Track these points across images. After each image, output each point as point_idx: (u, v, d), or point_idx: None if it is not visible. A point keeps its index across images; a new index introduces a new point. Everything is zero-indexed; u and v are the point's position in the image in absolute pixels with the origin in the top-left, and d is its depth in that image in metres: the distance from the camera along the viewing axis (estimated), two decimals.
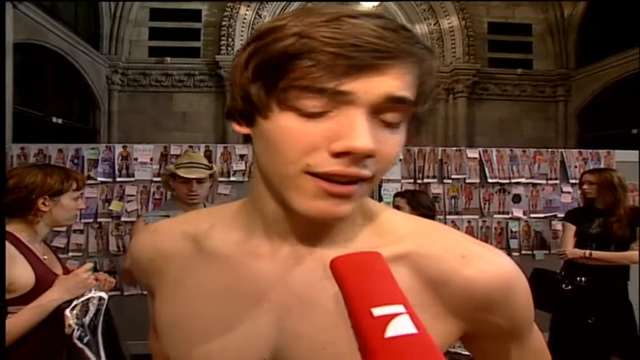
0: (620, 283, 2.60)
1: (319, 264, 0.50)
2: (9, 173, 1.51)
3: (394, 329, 0.34)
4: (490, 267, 0.49)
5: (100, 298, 1.45)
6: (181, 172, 2.21)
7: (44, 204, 1.47)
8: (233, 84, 0.48)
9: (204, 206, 2.31)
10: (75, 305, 1.41)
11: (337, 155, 0.42)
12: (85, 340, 1.37)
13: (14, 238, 1.41)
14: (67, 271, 1.58)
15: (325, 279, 0.49)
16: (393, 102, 0.43)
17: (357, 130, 0.41)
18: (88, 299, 1.43)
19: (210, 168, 2.32)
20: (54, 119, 6.25)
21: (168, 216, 2.13)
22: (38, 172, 1.48)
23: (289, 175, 0.44)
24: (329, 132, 0.42)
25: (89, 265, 1.51)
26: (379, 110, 0.43)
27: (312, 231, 0.51)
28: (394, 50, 0.41)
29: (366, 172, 0.43)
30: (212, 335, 0.51)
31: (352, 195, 0.44)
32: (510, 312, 0.50)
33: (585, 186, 2.74)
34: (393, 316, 0.35)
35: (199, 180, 2.22)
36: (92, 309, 1.42)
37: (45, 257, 1.49)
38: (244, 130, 0.50)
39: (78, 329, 1.36)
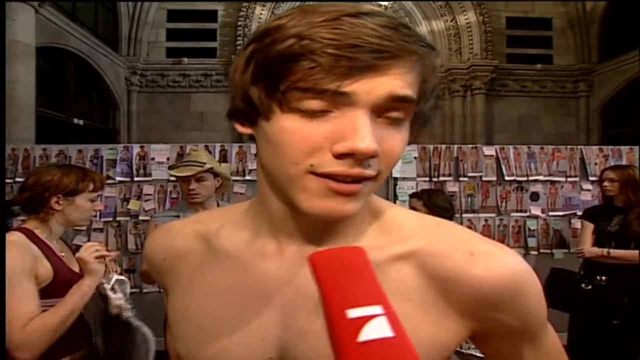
0: None
1: None
2: (31, 172, 1.56)
3: (368, 333, 0.32)
4: (498, 264, 0.48)
5: (122, 281, 1.52)
6: (173, 172, 2.21)
7: (57, 202, 1.50)
8: (233, 85, 0.48)
9: (217, 205, 2.32)
10: (113, 286, 1.48)
11: (340, 156, 0.42)
12: (132, 315, 1.48)
13: (31, 233, 1.46)
14: None
15: None
16: (395, 102, 0.43)
17: (360, 131, 0.41)
18: (116, 280, 1.51)
19: (202, 165, 2.20)
20: (75, 120, 6.42)
21: (178, 216, 2.15)
22: (56, 172, 1.51)
23: (294, 176, 0.44)
24: (332, 133, 0.42)
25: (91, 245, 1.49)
26: (381, 110, 0.43)
27: (318, 230, 0.51)
28: (395, 49, 0.41)
29: (370, 172, 0.43)
30: (220, 334, 0.52)
31: (358, 194, 0.44)
32: (520, 311, 0.49)
33: (606, 183, 2.67)
34: (369, 318, 0.33)
35: (199, 179, 2.17)
36: (119, 291, 1.50)
37: (63, 254, 1.53)
38: (247, 130, 0.50)
39: (127, 306, 1.47)
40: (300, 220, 0.51)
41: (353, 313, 0.33)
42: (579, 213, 3.42)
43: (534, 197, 3.51)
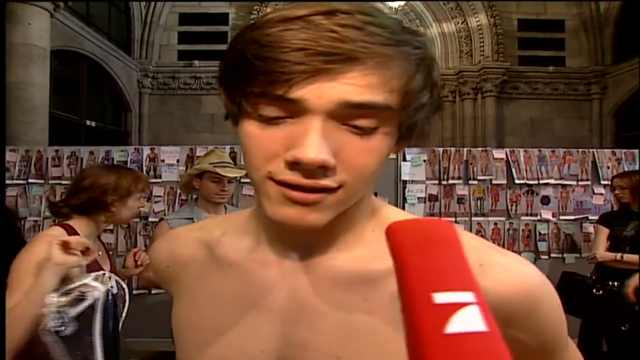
0: None
1: (326, 272, 0.49)
2: (83, 173, 1.60)
3: (457, 324, 0.26)
4: (511, 277, 0.44)
5: (105, 290, 1.28)
6: (221, 171, 2.19)
7: (113, 204, 1.55)
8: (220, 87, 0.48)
9: (225, 209, 2.33)
10: (68, 291, 1.23)
11: (291, 165, 0.40)
12: (62, 333, 1.17)
13: (73, 231, 1.47)
14: (114, 269, 1.65)
15: (333, 288, 0.48)
16: (353, 108, 0.39)
17: (307, 139, 0.38)
18: (86, 287, 1.26)
19: (242, 169, 2.35)
20: (88, 122, 6.51)
21: (191, 219, 2.16)
22: (112, 174, 1.57)
23: (257, 181, 0.43)
24: (286, 140, 0.40)
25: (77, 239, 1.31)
26: (343, 117, 0.40)
27: (315, 239, 0.49)
28: (348, 51, 0.37)
29: (326, 182, 0.40)
30: (220, 344, 0.51)
31: (319, 204, 0.41)
32: (536, 328, 0.46)
33: (617, 191, 2.65)
34: (459, 306, 0.27)
35: (230, 180, 2.24)
36: (89, 300, 1.24)
37: (100, 252, 1.53)
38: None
39: (55, 318, 1.17)
40: (300, 231, 0.49)
41: (441, 298, 0.28)
42: (591, 217, 3.37)
43: (545, 200, 3.46)
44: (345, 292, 0.47)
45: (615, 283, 2.49)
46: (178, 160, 3.50)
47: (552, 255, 3.44)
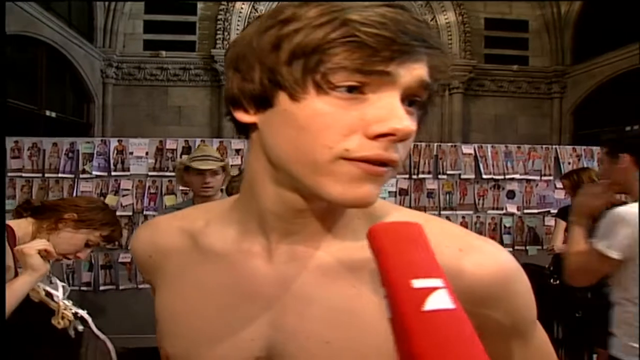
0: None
1: (317, 261, 0.50)
2: (93, 200, 1.52)
3: (432, 303, 0.33)
4: (488, 260, 0.48)
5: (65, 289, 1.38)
6: (195, 164, 2.29)
7: (66, 221, 1.43)
8: (247, 66, 0.46)
9: None
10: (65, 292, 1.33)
11: (376, 137, 0.42)
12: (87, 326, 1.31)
13: (10, 230, 1.39)
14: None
15: (321, 276, 0.49)
16: (421, 88, 0.44)
17: (398, 111, 0.42)
18: (63, 288, 1.35)
19: (222, 160, 2.42)
20: (48, 113, 6.21)
21: None
22: (94, 204, 1.50)
23: (324, 161, 0.43)
24: (368, 115, 0.42)
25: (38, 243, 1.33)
26: (410, 94, 0.44)
27: (313, 229, 0.50)
28: (431, 41, 0.44)
29: (397, 156, 0.44)
30: (208, 333, 0.52)
31: (383, 179, 0.44)
32: (510, 308, 0.49)
33: (565, 191, 2.80)
34: (432, 289, 0.34)
35: (213, 173, 2.31)
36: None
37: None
38: (251, 118, 0.48)
39: (76, 319, 1.29)
40: (298, 218, 0.50)
41: (418, 283, 0.34)
42: (553, 211, 3.52)
43: (510, 195, 3.59)
44: (334, 279, 0.49)
45: None
46: (147, 153, 3.40)
47: (516, 247, 3.58)
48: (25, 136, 3.41)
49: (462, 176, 3.57)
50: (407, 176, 3.52)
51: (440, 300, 0.33)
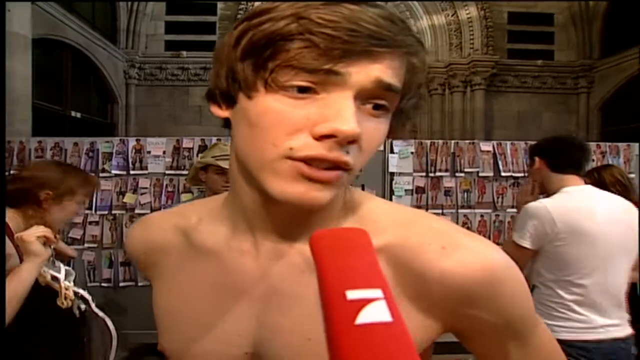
0: None
1: (299, 258, 0.50)
2: (27, 163, 1.49)
3: (366, 316, 0.30)
4: (471, 258, 0.46)
5: (69, 272, 1.39)
6: (222, 164, 2.24)
7: (45, 200, 1.43)
8: (219, 62, 0.47)
9: None
10: (67, 273, 1.35)
11: (321, 138, 0.41)
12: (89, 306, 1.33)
13: (8, 228, 1.40)
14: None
15: (306, 273, 0.49)
16: (381, 89, 0.43)
17: (344, 112, 0.40)
18: (66, 271, 1.36)
19: None
20: (73, 113, 6.40)
21: None
22: (56, 170, 1.45)
23: (269, 159, 0.43)
24: (314, 114, 0.41)
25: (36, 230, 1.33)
26: (365, 97, 0.43)
27: (291, 226, 0.50)
28: (389, 39, 0.42)
29: (347, 159, 0.42)
30: (199, 330, 0.52)
31: (332, 183, 0.43)
32: (500, 308, 0.47)
33: None
34: (368, 301, 0.31)
35: None
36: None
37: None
38: (224, 113, 0.49)
39: (79, 299, 1.32)
40: (273, 215, 0.50)
41: (352, 294, 0.32)
42: None
43: None
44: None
45: None
46: (164, 152, 3.45)
47: None
48: (51, 136, 3.51)
49: (481, 174, 3.48)
50: (423, 174, 3.47)
51: (375, 313, 0.31)
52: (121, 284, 3.38)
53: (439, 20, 8.29)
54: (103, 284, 3.36)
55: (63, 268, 1.41)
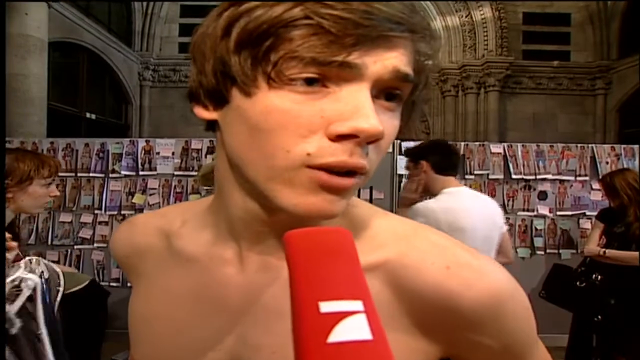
0: (636, 283, 2.50)
1: (285, 272, 0.47)
2: None
3: (341, 333, 0.25)
4: (478, 280, 0.42)
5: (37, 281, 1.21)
6: None
7: (9, 190, 1.39)
8: (201, 57, 0.40)
9: None
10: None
11: (338, 139, 0.35)
12: (10, 332, 1.11)
13: None
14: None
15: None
16: (398, 80, 0.37)
17: (363, 107, 0.35)
18: (20, 279, 1.18)
19: None
20: (88, 115, 6.51)
21: None
22: (9, 157, 1.40)
23: (281, 167, 0.37)
24: (329, 111, 0.36)
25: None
26: (379, 88, 0.37)
27: (278, 236, 0.46)
28: (406, 23, 0.36)
29: (365, 162, 0.37)
30: (171, 341, 0.49)
31: (349, 190, 0.38)
32: (503, 334, 0.43)
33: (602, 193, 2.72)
34: (345, 315, 0.26)
35: None
36: (25, 292, 1.17)
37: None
38: (211, 115, 0.42)
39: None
40: (267, 227, 0.45)
41: (327, 307, 0.27)
42: (588, 213, 3.34)
43: (542, 196, 3.43)
44: None
45: (599, 277, 2.51)
46: (173, 153, 3.49)
47: (548, 250, 3.41)
48: (66, 137, 3.58)
49: (491, 176, 3.44)
50: None
51: (353, 329, 0.26)
52: (129, 284, 3.41)
53: (453, 22, 8.21)
54: (112, 284, 3.41)
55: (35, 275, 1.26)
